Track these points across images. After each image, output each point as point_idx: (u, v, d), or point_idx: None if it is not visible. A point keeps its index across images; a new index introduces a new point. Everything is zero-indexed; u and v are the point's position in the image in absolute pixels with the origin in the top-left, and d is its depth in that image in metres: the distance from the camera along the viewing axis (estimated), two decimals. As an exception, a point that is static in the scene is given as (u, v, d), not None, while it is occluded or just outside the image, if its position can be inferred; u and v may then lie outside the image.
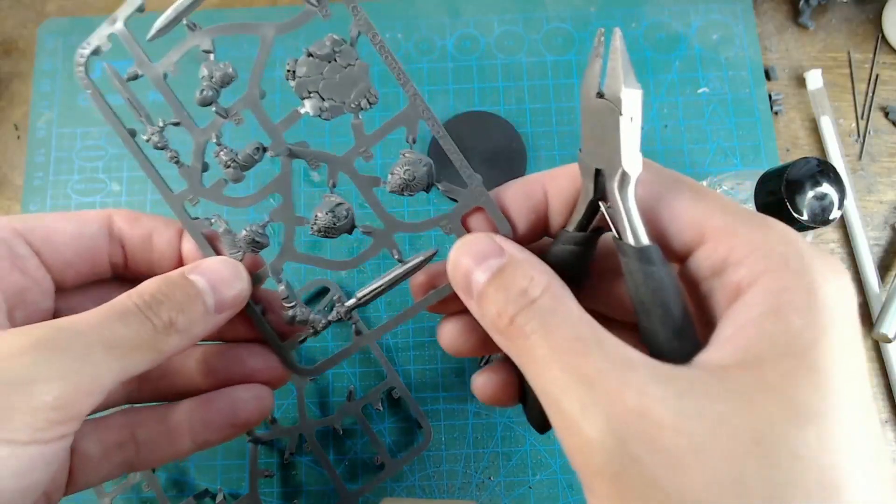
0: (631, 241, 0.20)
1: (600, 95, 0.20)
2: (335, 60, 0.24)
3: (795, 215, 0.32)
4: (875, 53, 0.50)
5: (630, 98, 0.20)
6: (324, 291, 0.44)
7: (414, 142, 0.25)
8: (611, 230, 0.21)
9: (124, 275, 0.28)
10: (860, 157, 0.48)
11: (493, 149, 0.47)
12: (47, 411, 0.19)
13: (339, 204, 0.26)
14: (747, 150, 0.48)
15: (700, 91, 0.49)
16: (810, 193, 0.32)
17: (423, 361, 0.44)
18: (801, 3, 0.50)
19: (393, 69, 0.23)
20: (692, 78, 0.49)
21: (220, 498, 0.41)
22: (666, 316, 0.20)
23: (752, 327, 0.17)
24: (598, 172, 0.21)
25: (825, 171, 0.33)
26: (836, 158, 0.47)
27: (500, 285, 0.21)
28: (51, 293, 0.25)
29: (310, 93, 0.24)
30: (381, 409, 0.42)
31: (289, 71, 0.24)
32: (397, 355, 0.45)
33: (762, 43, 0.50)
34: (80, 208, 0.47)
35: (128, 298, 0.22)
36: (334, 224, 0.25)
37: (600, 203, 0.21)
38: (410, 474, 0.43)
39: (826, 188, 0.32)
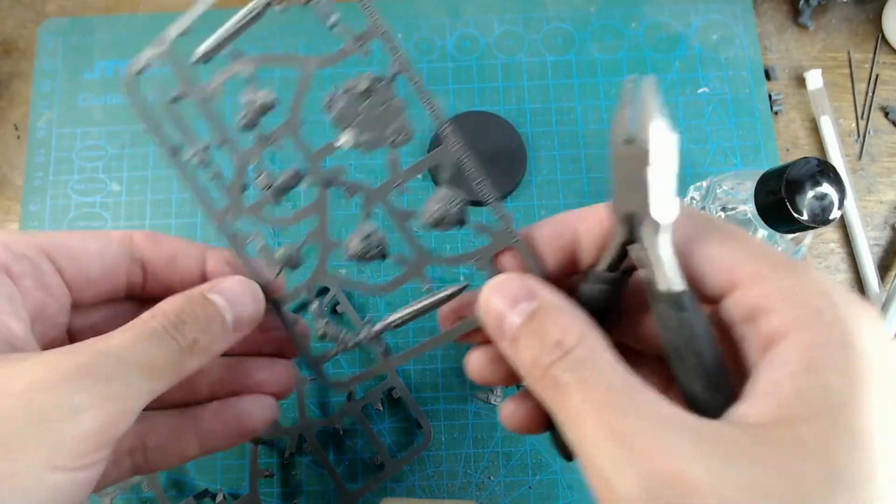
0: (663, 286, 0.20)
1: (629, 142, 0.20)
2: (372, 97, 0.24)
3: (795, 215, 0.32)
4: (875, 53, 0.50)
5: (661, 144, 0.19)
6: (324, 291, 0.44)
7: (447, 181, 0.25)
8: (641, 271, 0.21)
9: (139, 294, 0.28)
10: (860, 157, 0.48)
11: (493, 149, 0.47)
12: (94, 437, 0.20)
13: (372, 233, 0.26)
14: (747, 150, 0.48)
15: (700, 91, 0.49)
16: (810, 193, 0.32)
17: (423, 361, 0.44)
18: (801, 3, 0.50)
19: (430, 109, 0.24)
20: (692, 78, 0.49)
21: (220, 498, 0.41)
22: (700, 366, 0.19)
23: (787, 384, 0.17)
24: (629, 216, 0.21)
25: (825, 171, 0.33)
26: (836, 158, 0.47)
27: (534, 332, 0.21)
28: (67, 309, 0.26)
29: (347, 126, 0.25)
30: (381, 409, 0.42)
31: (327, 104, 0.24)
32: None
33: (762, 43, 0.50)
34: (80, 208, 0.47)
35: (153, 320, 0.23)
36: (367, 252, 0.26)
37: (630, 247, 0.21)
38: (410, 474, 0.43)
39: (826, 188, 0.32)
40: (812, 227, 0.33)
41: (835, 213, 0.32)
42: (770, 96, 0.49)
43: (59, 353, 0.21)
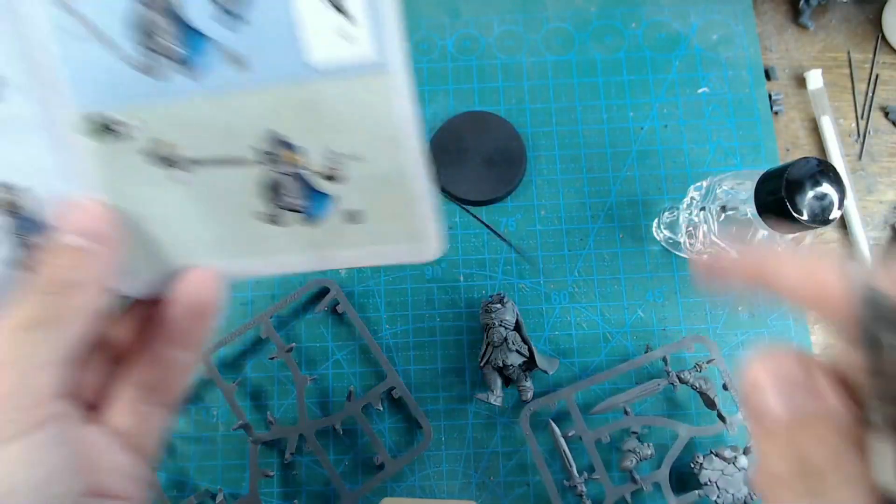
0: None
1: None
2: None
3: (795, 215, 0.32)
4: (875, 53, 0.50)
5: None
6: (324, 292, 0.44)
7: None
8: None
9: None
10: (860, 157, 0.48)
11: (493, 149, 0.47)
12: (9, 398, 0.20)
13: None
14: (747, 150, 0.48)
15: (700, 91, 0.49)
16: (810, 193, 0.32)
17: (423, 361, 0.44)
18: (801, 3, 0.50)
19: None
20: (692, 78, 0.49)
21: (220, 498, 0.41)
22: None
23: None
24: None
25: (825, 171, 0.33)
26: (836, 158, 0.47)
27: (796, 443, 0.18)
28: None
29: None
30: (381, 409, 0.42)
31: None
32: (397, 355, 0.45)
33: (762, 43, 0.50)
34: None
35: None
36: None
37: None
38: (410, 474, 0.43)
39: (826, 188, 0.32)
40: (812, 227, 0.33)
41: (835, 213, 0.32)
42: (770, 96, 0.49)
43: None
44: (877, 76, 0.49)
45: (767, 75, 0.49)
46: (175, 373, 0.26)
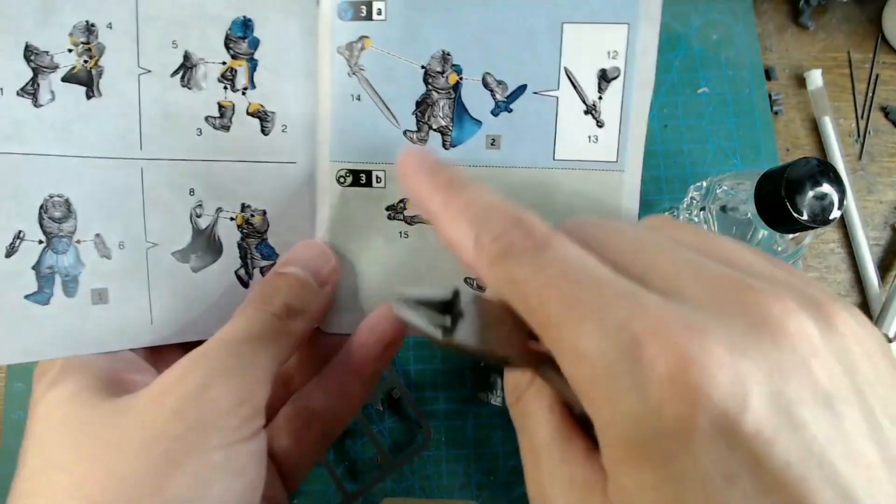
0: None
1: None
2: None
3: (795, 215, 0.32)
4: (875, 53, 0.50)
5: None
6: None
7: None
8: None
9: None
10: (860, 157, 0.48)
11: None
12: (236, 409, 0.22)
13: None
14: (747, 150, 0.48)
15: (700, 91, 0.49)
16: (810, 193, 0.32)
17: (423, 361, 0.44)
18: (801, 3, 0.50)
19: None
20: (692, 78, 0.49)
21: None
22: None
23: None
24: None
25: (825, 171, 0.33)
26: (836, 158, 0.47)
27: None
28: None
29: None
30: (381, 409, 0.42)
31: None
32: (397, 355, 0.45)
33: (762, 43, 0.50)
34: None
35: (245, 305, 0.25)
36: None
37: None
38: (410, 474, 0.43)
39: (826, 188, 0.32)
40: (812, 227, 0.33)
41: (835, 213, 0.32)
42: (770, 96, 0.49)
43: (178, 372, 0.23)
44: (877, 76, 0.49)
45: (767, 75, 0.49)
46: (344, 403, 0.27)
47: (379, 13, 0.25)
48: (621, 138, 0.26)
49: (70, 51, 0.24)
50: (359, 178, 0.26)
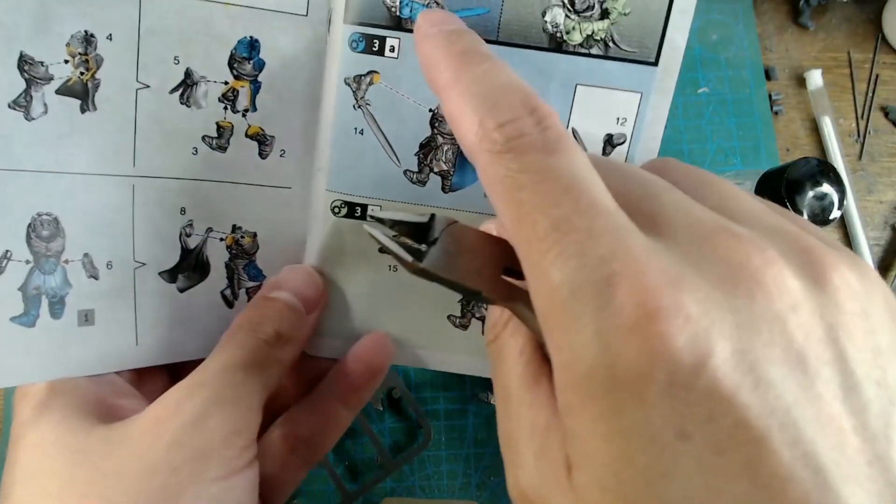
0: None
1: None
2: None
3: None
4: (875, 53, 0.50)
5: None
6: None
7: None
8: None
9: None
10: (860, 157, 0.48)
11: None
12: (233, 439, 0.22)
13: None
14: (747, 150, 0.48)
15: (700, 91, 0.49)
16: (810, 193, 0.32)
17: (423, 361, 0.44)
18: (801, 3, 0.50)
19: None
20: (692, 78, 0.49)
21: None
22: None
23: None
24: None
25: (825, 171, 0.33)
26: (836, 158, 0.47)
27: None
28: None
29: None
30: (381, 409, 0.42)
31: None
32: (397, 355, 0.45)
33: (762, 43, 0.50)
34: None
35: (234, 331, 0.25)
36: None
37: None
38: (410, 474, 0.43)
39: (826, 188, 0.32)
40: (812, 227, 0.33)
41: (835, 213, 0.32)
42: (770, 96, 0.49)
43: (172, 401, 0.22)
44: (877, 76, 0.49)
45: (767, 75, 0.49)
46: (331, 427, 0.27)
47: (392, 50, 0.24)
48: None
49: (66, 62, 0.23)
50: (354, 211, 0.26)
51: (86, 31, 0.23)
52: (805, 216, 0.32)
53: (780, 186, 0.32)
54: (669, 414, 0.12)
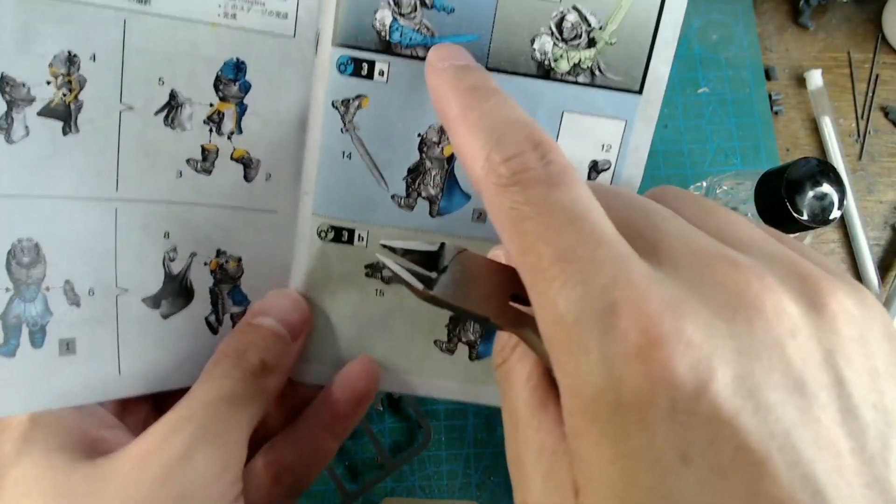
0: None
1: None
2: None
3: (795, 215, 0.32)
4: (875, 53, 0.50)
5: None
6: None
7: None
8: None
9: None
10: (860, 157, 0.48)
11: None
12: (220, 476, 0.21)
13: None
14: (747, 150, 0.48)
15: (700, 91, 0.49)
16: (810, 193, 0.32)
17: (423, 361, 0.44)
18: (801, 3, 0.50)
19: None
20: (692, 78, 0.49)
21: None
22: None
23: None
24: None
25: (825, 171, 0.33)
26: (836, 158, 0.47)
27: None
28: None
29: None
30: (381, 409, 0.42)
31: None
32: (397, 355, 0.45)
33: (762, 43, 0.50)
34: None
35: (218, 361, 0.24)
36: None
37: None
38: (410, 474, 0.43)
39: (826, 188, 0.32)
40: (812, 227, 0.33)
41: (835, 213, 0.32)
42: (770, 96, 0.49)
43: (158, 436, 0.22)
44: (877, 76, 0.49)
45: (767, 75, 0.49)
46: (316, 457, 0.27)
47: (381, 74, 0.24)
48: None
49: (49, 83, 0.22)
50: (340, 235, 0.26)
51: (69, 52, 0.22)
52: (805, 216, 0.32)
53: (780, 186, 0.32)
54: (672, 438, 0.13)
